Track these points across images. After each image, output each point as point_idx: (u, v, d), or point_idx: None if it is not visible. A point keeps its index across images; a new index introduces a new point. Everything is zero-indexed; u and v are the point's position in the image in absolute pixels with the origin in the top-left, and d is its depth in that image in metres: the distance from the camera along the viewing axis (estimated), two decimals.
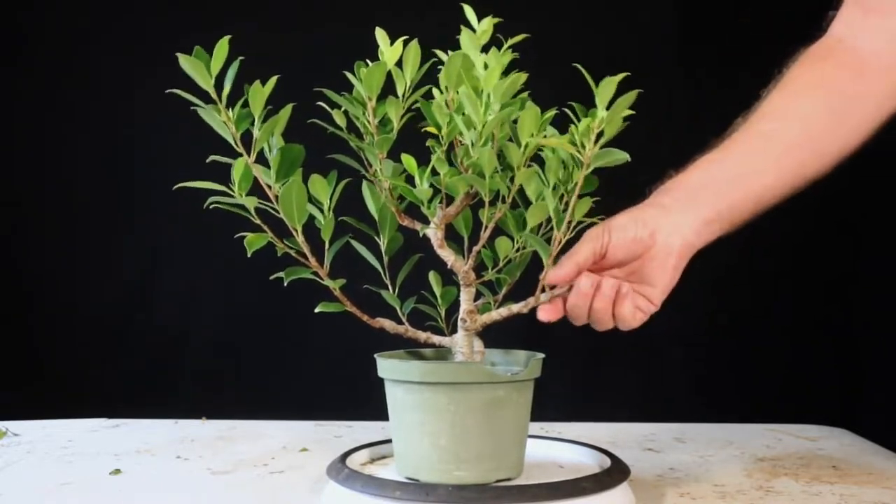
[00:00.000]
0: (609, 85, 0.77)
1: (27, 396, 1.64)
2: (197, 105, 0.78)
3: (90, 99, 1.73)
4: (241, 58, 0.78)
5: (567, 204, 0.83)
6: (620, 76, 0.77)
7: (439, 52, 0.84)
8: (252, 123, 0.80)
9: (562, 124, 0.84)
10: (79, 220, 1.75)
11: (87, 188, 1.75)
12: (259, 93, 0.79)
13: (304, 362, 1.76)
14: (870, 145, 0.96)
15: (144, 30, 1.72)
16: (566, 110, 0.82)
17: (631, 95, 0.77)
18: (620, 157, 0.80)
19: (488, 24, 0.84)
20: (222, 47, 0.77)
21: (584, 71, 0.78)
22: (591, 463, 0.95)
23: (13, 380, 1.70)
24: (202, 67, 0.76)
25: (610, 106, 0.77)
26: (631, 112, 0.79)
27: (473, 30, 0.84)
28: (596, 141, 0.79)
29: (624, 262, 0.89)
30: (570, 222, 0.83)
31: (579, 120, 0.80)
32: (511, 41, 0.83)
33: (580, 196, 0.83)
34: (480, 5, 0.85)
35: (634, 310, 0.87)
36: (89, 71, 1.72)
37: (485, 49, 0.83)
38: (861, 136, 0.95)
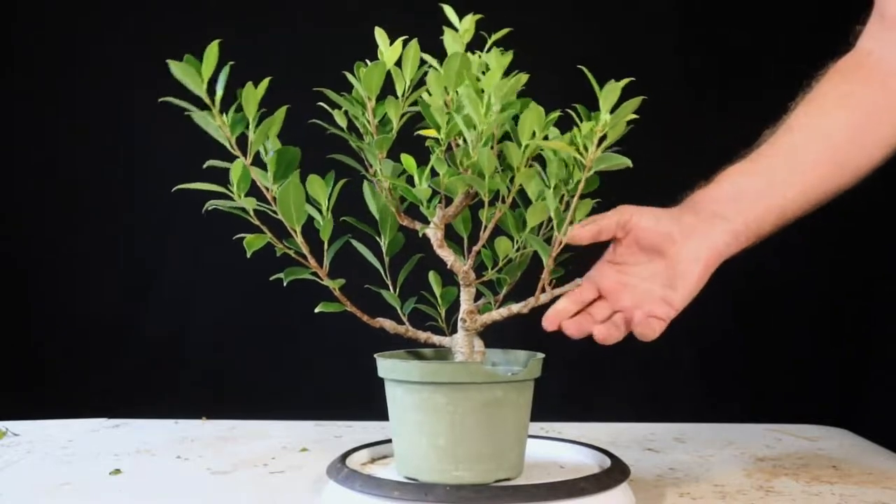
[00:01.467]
0: (613, 90, 0.76)
1: (27, 396, 1.64)
2: (190, 111, 0.77)
3: (90, 99, 1.73)
4: (231, 62, 0.76)
5: (568, 204, 0.83)
6: (625, 81, 0.77)
7: (427, 57, 0.84)
8: (247, 126, 0.79)
9: (565, 124, 0.83)
10: (78, 221, 1.75)
11: (87, 188, 1.75)
12: (252, 95, 0.77)
13: (304, 362, 1.76)
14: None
15: (146, 30, 1.72)
16: (569, 111, 0.82)
17: (635, 101, 0.76)
18: (622, 161, 0.79)
19: (470, 22, 0.84)
20: (212, 52, 0.75)
21: (588, 74, 0.78)
22: (591, 463, 0.95)
23: (13, 380, 1.69)
24: (194, 73, 0.75)
25: (614, 110, 0.77)
26: (635, 116, 0.78)
27: (456, 29, 0.84)
28: (598, 144, 0.79)
29: (643, 250, 0.89)
30: (570, 223, 0.83)
31: (582, 122, 0.79)
32: (495, 36, 0.83)
33: (582, 197, 0.83)
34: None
35: (652, 321, 0.87)
36: (89, 71, 1.72)
37: (473, 48, 0.83)
38: (885, 149, 0.95)
